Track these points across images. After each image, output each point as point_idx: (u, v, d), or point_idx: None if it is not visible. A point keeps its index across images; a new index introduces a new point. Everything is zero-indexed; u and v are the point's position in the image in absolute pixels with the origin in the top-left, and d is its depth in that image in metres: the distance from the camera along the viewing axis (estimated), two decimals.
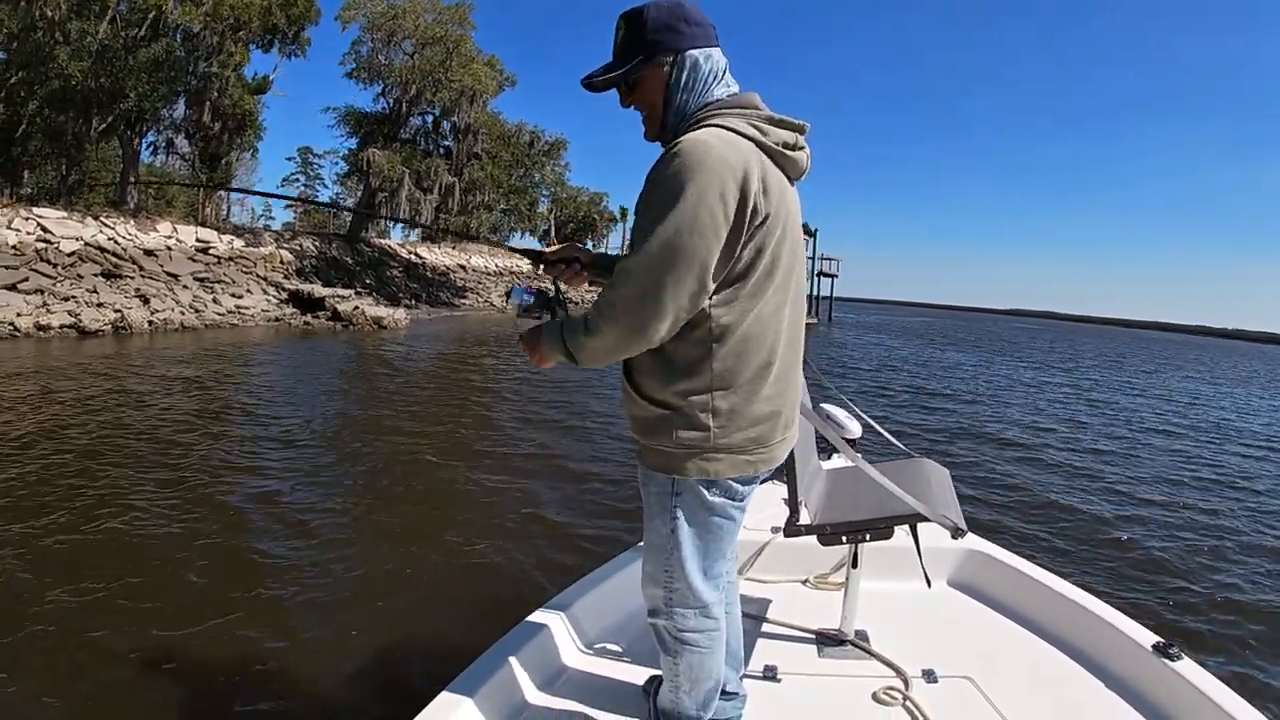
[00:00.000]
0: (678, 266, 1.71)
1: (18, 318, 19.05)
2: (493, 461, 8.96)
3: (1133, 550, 7.00)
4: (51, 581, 5.00)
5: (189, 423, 10.38)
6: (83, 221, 24.14)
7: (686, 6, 1.88)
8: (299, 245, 32.93)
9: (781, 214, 1.83)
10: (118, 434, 9.41)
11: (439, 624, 4.77)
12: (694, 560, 2.03)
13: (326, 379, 15.42)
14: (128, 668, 4.05)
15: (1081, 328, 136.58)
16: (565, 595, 2.97)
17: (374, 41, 37.44)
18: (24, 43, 26.30)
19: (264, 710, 3.74)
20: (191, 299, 23.74)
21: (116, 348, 18.06)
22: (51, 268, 21.57)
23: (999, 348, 46.04)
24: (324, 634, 4.51)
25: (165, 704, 3.76)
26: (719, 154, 1.71)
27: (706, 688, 2.18)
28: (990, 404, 17.97)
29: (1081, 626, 2.98)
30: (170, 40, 29.21)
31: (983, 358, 35.76)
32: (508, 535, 6.37)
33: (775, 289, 1.87)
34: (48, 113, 28.12)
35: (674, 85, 1.88)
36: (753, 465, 1.94)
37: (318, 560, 5.61)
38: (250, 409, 11.73)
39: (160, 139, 33.13)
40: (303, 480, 7.78)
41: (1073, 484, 9.76)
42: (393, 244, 43.01)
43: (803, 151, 1.93)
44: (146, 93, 28.30)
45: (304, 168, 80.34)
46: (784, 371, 1.94)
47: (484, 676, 2.37)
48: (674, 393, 1.88)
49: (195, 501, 6.84)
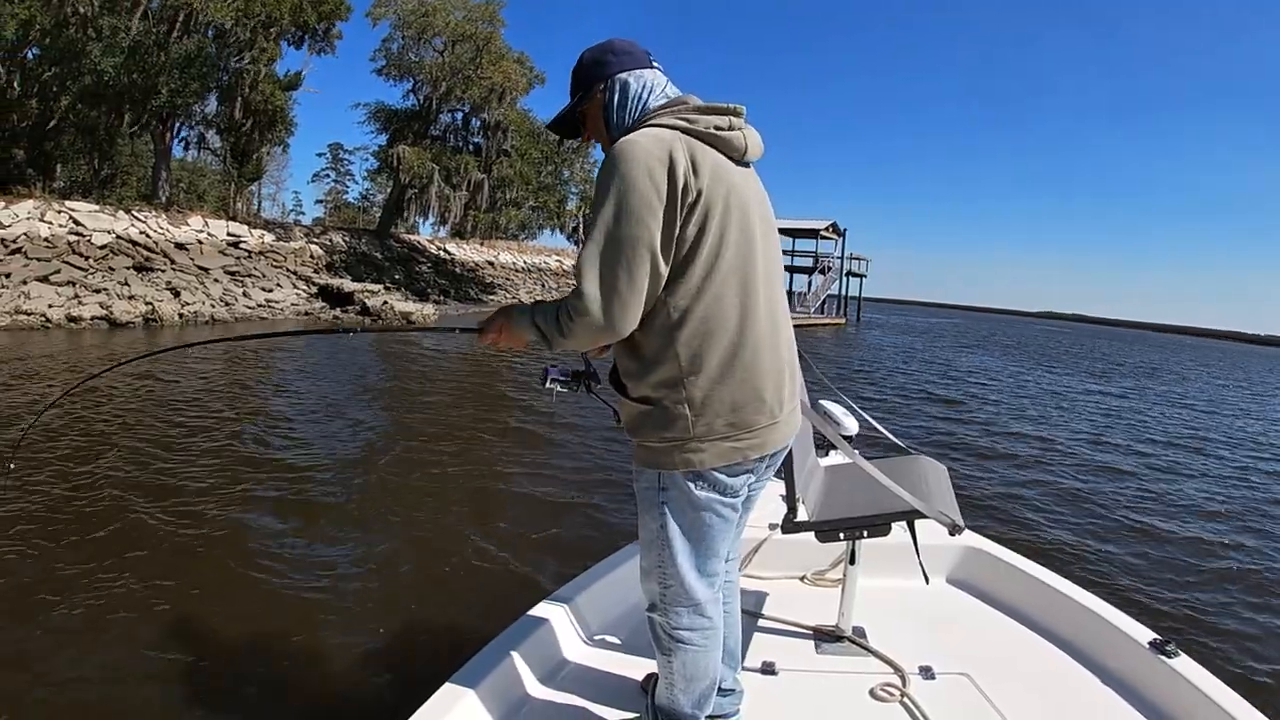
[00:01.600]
0: (625, 253, 1.79)
1: (49, 309, 19.19)
2: (515, 456, 8.97)
3: (1131, 546, 7.01)
4: (72, 562, 5.16)
5: (215, 411, 10.47)
6: (114, 215, 24.26)
7: (614, 41, 2.07)
8: (329, 240, 32.97)
9: (719, 192, 1.87)
10: (146, 423, 9.51)
11: (449, 613, 4.83)
12: (685, 557, 2.05)
13: (353, 372, 15.40)
14: (138, 652, 4.13)
15: (1112, 332, 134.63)
16: (567, 589, 2.99)
17: (404, 38, 37.32)
18: (56, 39, 26.48)
19: (270, 696, 3.80)
20: (222, 292, 23.76)
21: (147, 339, 18.18)
22: (83, 260, 21.64)
23: (1037, 352, 45.58)
24: (337, 619, 4.61)
25: (174, 685, 3.83)
26: (642, 145, 1.82)
27: (702, 686, 2.17)
28: (1015, 408, 17.70)
29: (1078, 623, 3.00)
30: (202, 36, 29.32)
31: (1025, 363, 35.37)
32: (524, 527, 6.44)
33: (730, 268, 1.89)
34: (80, 108, 28.33)
35: (609, 107, 2.02)
36: (739, 452, 1.93)
37: (331, 549, 5.71)
38: (276, 400, 11.82)
39: (192, 134, 33.30)
40: (324, 469, 7.86)
41: (1072, 482, 9.70)
42: (422, 240, 42.87)
43: (737, 132, 1.96)
44: (178, 89, 28.38)
45: (334, 163, 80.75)
46: (758, 351, 1.93)
47: (487, 669, 2.40)
48: (650, 386, 1.93)
49: (214, 487, 6.96)
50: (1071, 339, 72.29)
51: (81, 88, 27.39)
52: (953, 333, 59.75)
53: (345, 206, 73.32)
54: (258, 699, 3.77)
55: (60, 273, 20.68)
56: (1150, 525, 7.90)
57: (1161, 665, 2.60)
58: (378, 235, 37.91)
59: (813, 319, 46.01)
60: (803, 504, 2.73)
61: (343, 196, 78.39)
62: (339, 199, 77.90)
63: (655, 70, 2.06)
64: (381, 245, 36.58)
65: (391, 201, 39.54)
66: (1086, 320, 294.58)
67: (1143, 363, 43.74)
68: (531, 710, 2.43)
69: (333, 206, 75.01)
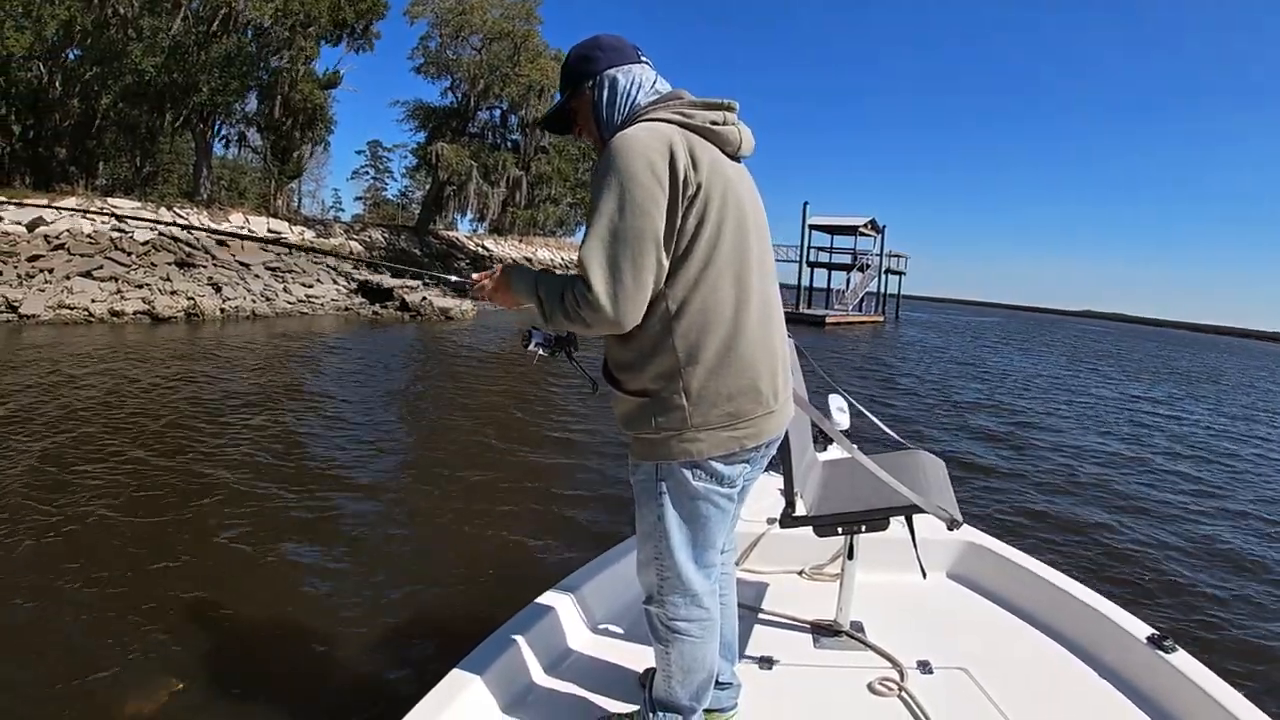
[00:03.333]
0: (632, 247, 1.80)
1: (92, 304, 19.20)
2: (546, 449, 9.06)
3: (1128, 543, 7.00)
4: (113, 541, 5.43)
5: (255, 401, 10.68)
6: (156, 212, 24.28)
7: (600, 37, 2.08)
8: (368, 236, 33.03)
9: (718, 185, 1.89)
10: (188, 410, 9.77)
11: (466, 597, 4.94)
12: (683, 548, 2.05)
13: (392, 366, 15.39)
14: (169, 621, 4.32)
15: (1151, 331, 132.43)
16: (573, 579, 3.01)
17: (442, 37, 37.40)
18: (97, 39, 26.73)
19: (283, 677, 3.88)
20: (263, 288, 23.70)
21: (189, 334, 18.14)
22: (126, 256, 21.64)
23: (1092, 355, 45.06)
24: (354, 600, 4.75)
25: (193, 655, 3.98)
26: (641, 139, 1.83)
27: (699, 678, 2.17)
28: (1078, 422, 17.33)
29: (1076, 618, 3.00)
30: (241, 36, 29.53)
31: (1072, 367, 34.95)
32: (552, 518, 6.53)
33: (726, 260, 1.90)
34: (122, 107, 28.60)
35: (598, 103, 2.03)
36: (736, 441, 1.94)
37: (353, 535, 5.87)
38: (314, 391, 12.01)
39: (232, 132, 33.58)
40: (358, 457, 8.06)
41: (1073, 481, 9.54)
42: (460, 236, 42.92)
43: (732, 127, 1.98)
44: (218, 87, 28.59)
45: (373, 161, 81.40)
46: (755, 343, 1.95)
47: (493, 656, 2.42)
48: (648, 378, 1.94)
49: (249, 478, 7.10)
50: (1115, 339, 71.17)
51: (123, 87, 27.62)
52: (996, 332, 58.43)
53: (384, 203, 73.93)
54: (270, 679, 3.84)
55: (103, 268, 20.67)
56: (1148, 520, 7.91)
57: (1159, 660, 2.60)
58: (416, 232, 37.91)
59: (851, 316, 45.47)
60: (801, 499, 2.75)
61: (382, 193, 79.35)
62: (378, 196, 78.66)
63: (644, 65, 2.07)
64: (420, 241, 36.56)
65: (430, 198, 39.51)
66: (1127, 319, 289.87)
67: (1204, 367, 43.11)
68: (535, 697, 2.48)
69: (372, 203, 75.59)
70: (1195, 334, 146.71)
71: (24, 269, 19.54)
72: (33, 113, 27.47)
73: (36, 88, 26.65)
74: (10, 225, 20.71)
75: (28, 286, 19.01)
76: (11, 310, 17.90)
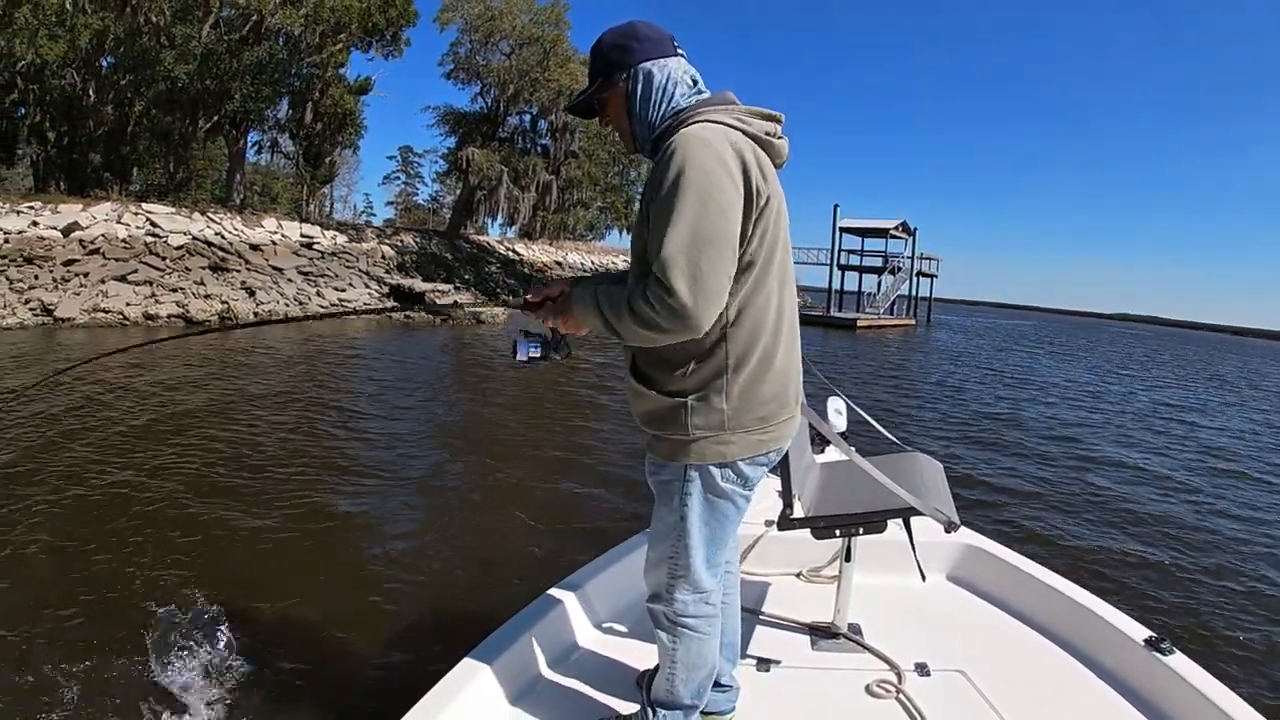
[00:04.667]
0: (711, 249, 1.75)
1: (127, 307, 19.21)
2: (563, 449, 9.00)
3: (1127, 545, 6.97)
4: (147, 533, 5.51)
5: (283, 399, 10.86)
6: (190, 217, 24.35)
7: (636, 24, 1.98)
8: (400, 241, 32.95)
9: (775, 199, 1.88)
10: (217, 407, 9.99)
11: (484, 589, 5.03)
12: (700, 547, 2.06)
13: (420, 368, 15.42)
14: (186, 602, 4.43)
15: (1197, 336, 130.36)
16: (579, 575, 3.01)
17: (472, 42, 37.34)
18: (130, 47, 26.88)
19: (294, 661, 3.93)
20: (296, 292, 23.67)
21: (222, 337, 18.06)
22: (160, 260, 21.70)
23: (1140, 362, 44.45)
24: (369, 589, 4.83)
25: (207, 639, 4.02)
26: (715, 144, 1.78)
27: (701, 675, 2.18)
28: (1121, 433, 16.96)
29: (1074, 620, 2.99)
30: (273, 44, 29.65)
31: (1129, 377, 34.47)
32: (564, 515, 6.54)
33: (775, 270, 1.92)
34: (155, 113, 28.76)
35: (632, 98, 1.96)
36: (764, 444, 1.97)
37: (371, 527, 5.97)
38: (342, 391, 12.01)
39: (265, 138, 33.88)
40: (381, 453, 8.17)
41: (1073, 482, 9.49)
42: (490, 240, 42.76)
43: (783, 140, 1.97)
44: (250, 94, 28.72)
45: (404, 166, 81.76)
46: (786, 350, 1.99)
47: (500, 650, 2.44)
48: (690, 381, 1.92)
49: (272, 469, 7.27)
50: (1158, 342, 70.22)
51: (156, 94, 27.77)
52: (1034, 336, 57.40)
53: (415, 208, 74.26)
54: (283, 666, 3.87)
55: (138, 272, 20.71)
56: (1148, 521, 7.87)
57: (1157, 662, 2.59)
58: (447, 236, 37.77)
59: (882, 320, 44.97)
60: (799, 501, 2.75)
61: (413, 198, 79.63)
62: (409, 200, 78.95)
63: (679, 58, 2.00)
64: (451, 246, 36.43)
65: (461, 203, 39.48)
66: (1164, 322, 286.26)
67: (1249, 371, 42.47)
68: (540, 691, 2.50)
69: (403, 208, 75.98)
70: (1239, 338, 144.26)
71: (59, 273, 19.61)
72: (67, 119, 27.65)
73: (71, 95, 26.80)
74: (46, 230, 20.84)
75: (63, 290, 19.06)
76: (47, 313, 17.93)
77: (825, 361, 22.31)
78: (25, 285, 18.72)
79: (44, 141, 27.35)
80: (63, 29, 24.90)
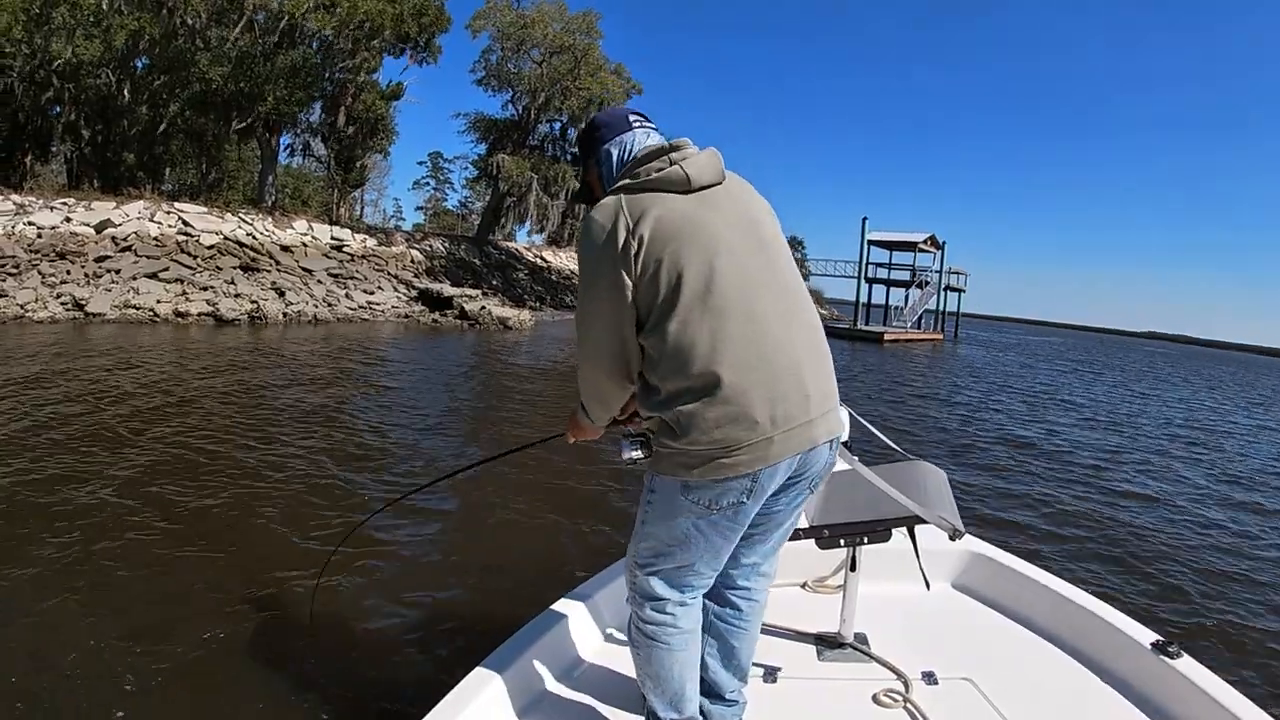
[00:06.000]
0: (594, 330, 2.01)
1: (158, 304, 19.25)
2: (583, 460, 8.84)
3: (1132, 548, 6.91)
4: (177, 526, 5.51)
5: (308, 400, 10.73)
6: (222, 217, 24.43)
7: (596, 116, 2.25)
8: (429, 246, 32.98)
9: (665, 231, 1.92)
10: (239, 405, 9.98)
11: (495, 600, 4.89)
12: (650, 555, 2.11)
13: (446, 372, 15.37)
14: (195, 605, 4.36)
15: (1233, 356, 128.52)
16: (588, 586, 3.03)
17: (503, 50, 37.31)
18: (165, 49, 27.09)
19: (307, 667, 3.84)
20: (325, 293, 23.66)
21: (252, 336, 18.07)
22: (191, 259, 21.75)
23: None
24: (383, 595, 4.75)
25: (214, 643, 3.96)
26: (589, 221, 1.98)
27: (670, 688, 2.17)
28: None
29: (1081, 626, 2.98)
30: (306, 48, 29.78)
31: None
32: (577, 526, 6.45)
33: (695, 297, 1.90)
34: (189, 114, 28.93)
35: (603, 178, 2.16)
36: (731, 468, 1.92)
37: (386, 533, 5.79)
38: (368, 392, 11.94)
39: (297, 141, 33.95)
40: (401, 457, 8.04)
41: (1074, 485, 9.42)
42: (519, 247, 42.80)
43: (675, 167, 1.99)
44: (284, 97, 28.79)
45: (434, 171, 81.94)
46: (745, 374, 1.90)
47: (509, 661, 2.45)
48: (646, 411, 2.04)
49: (291, 467, 7.19)
50: (1195, 363, 69.41)
51: (190, 95, 27.94)
52: (1066, 354, 56.39)
53: (444, 213, 74.42)
54: (295, 672, 3.79)
55: (169, 270, 20.76)
56: (1151, 523, 7.85)
57: (1165, 667, 2.58)
58: (476, 242, 37.76)
59: (910, 333, 44.73)
60: (803, 511, 2.61)
61: (442, 203, 79.95)
62: (438, 206, 79.27)
63: (634, 130, 2.17)
64: (480, 251, 36.43)
65: (490, 209, 39.45)
66: (1195, 341, 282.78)
67: None
68: (551, 702, 2.51)
69: (432, 213, 76.19)
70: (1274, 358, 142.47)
71: (91, 269, 19.68)
72: (102, 118, 27.87)
73: (105, 94, 27.00)
74: (79, 226, 20.94)
75: (94, 285, 19.12)
76: (78, 308, 17.97)
77: (850, 374, 22.09)
78: (57, 280, 18.81)
79: (78, 140, 27.55)
80: (98, 29, 25.09)
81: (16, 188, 23.30)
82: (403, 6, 30.34)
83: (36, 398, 9.21)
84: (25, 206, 21.07)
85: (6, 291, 17.78)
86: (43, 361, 12.01)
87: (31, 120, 26.84)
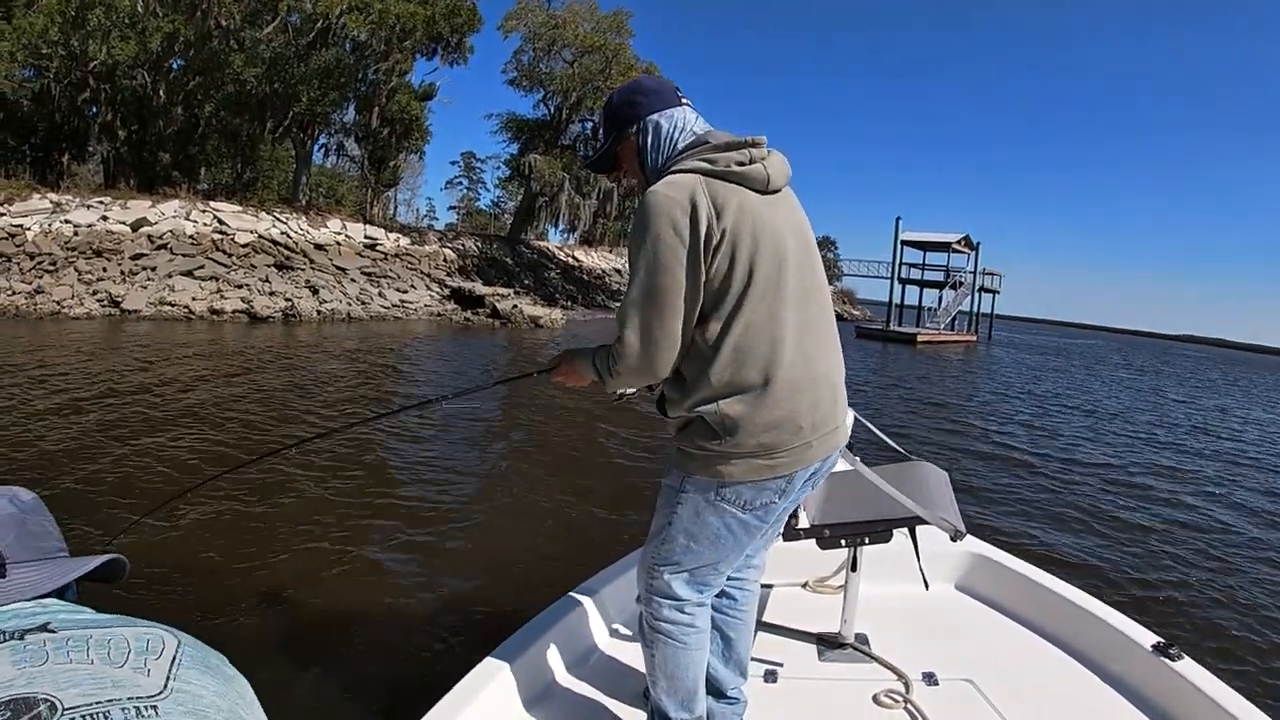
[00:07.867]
0: (656, 303, 1.88)
1: (193, 301, 19.26)
2: (605, 455, 9.00)
3: (1133, 550, 6.90)
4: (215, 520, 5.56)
5: (338, 395, 11.04)
6: (257, 216, 24.46)
7: (642, 80, 2.11)
8: (461, 245, 32.97)
9: (745, 227, 1.88)
10: (266, 400, 10.17)
11: (510, 591, 4.92)
12: (679, 555, 2.07)
13: (476, 370, 15.43)
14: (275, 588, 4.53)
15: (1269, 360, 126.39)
16: (597, 579, 3.04)
17: (535, 50, 37.24)
18: (200, 50, 27.23)
19: (324, 654, 3.95)
20: (359, 292, 23.65)
21: (286, 333, 18.09)
22: (226, 257, 21.77)
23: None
24: (399, 587, 4.83)
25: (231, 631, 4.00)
26: (664, 195, 1.86)
27: (684, 687, 2.16)
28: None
29: (1081, 627, 2.98)
30: (340, 49, 29.86)
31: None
32: (592, 520, 6.48)
33: (759, 298, 1.90)
34: (224, 115, 29.18)
35: (643, 149, 2.04)
36: (769, 469, 1.93)
37: (400, 528, 5.84)
38: (399, 390, 12.14)
39: (331, 141, 34.14)
40: (425, 455, 8.06)
41: (1074, 486, 9.36)
42: (551, 246, 42.78)
43: (758, 165, 1.94)
44: (317, 98, 28.95)
45: (467, 171, 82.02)
46: (795, 378, 1.92)
47: (518, 653, 2.46)
48: (687, 408, 1.96)
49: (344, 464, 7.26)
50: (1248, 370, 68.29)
51: (225, 96, 28.17)
52: (1107, 358, 55.05)
53: (477, 213, 74.30)
54: (312, 658, 3.87)
55: (204, 268, 20.78)
56: (1153, 525, 7.79)
57: (1166, 668, 2.58)
58: (508, 241, 37.76)
59: (943, 335, 44.15)
60: (804, 511, 2.75)
61: (475, 203, 79.93)
62: (471, 205, 79.25)
63: (684, 107, 2.07)
64: (512, 251, 36.39)
65: (522, 208, 39.37)
66: (1231, 345, 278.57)
67: None
68: (558, 694, 2.53)
69: (465, 213, 76.16)
70: None
71: (127, 266, 19.73)
72: (138, 119, 28.00)
73: (141, 95, 27.15)
74: (115, 224, 20.98)
75: (130, 283, 19.17)
76: (114, 305, 18.01)
77: (879, 376, 21.84)
78: (94, 277, 18.87)
79: (114, 139, 27.67)
80: (134, 31, 25.23)
81: (54, 186, 23.41)
82: (434, 8, 30.34)
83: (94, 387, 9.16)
84: (62, 205, 21.13)
85: (44, 288, 17.83)
86: (98, 357, 12.02)
87: (68, 120, 26.98)
